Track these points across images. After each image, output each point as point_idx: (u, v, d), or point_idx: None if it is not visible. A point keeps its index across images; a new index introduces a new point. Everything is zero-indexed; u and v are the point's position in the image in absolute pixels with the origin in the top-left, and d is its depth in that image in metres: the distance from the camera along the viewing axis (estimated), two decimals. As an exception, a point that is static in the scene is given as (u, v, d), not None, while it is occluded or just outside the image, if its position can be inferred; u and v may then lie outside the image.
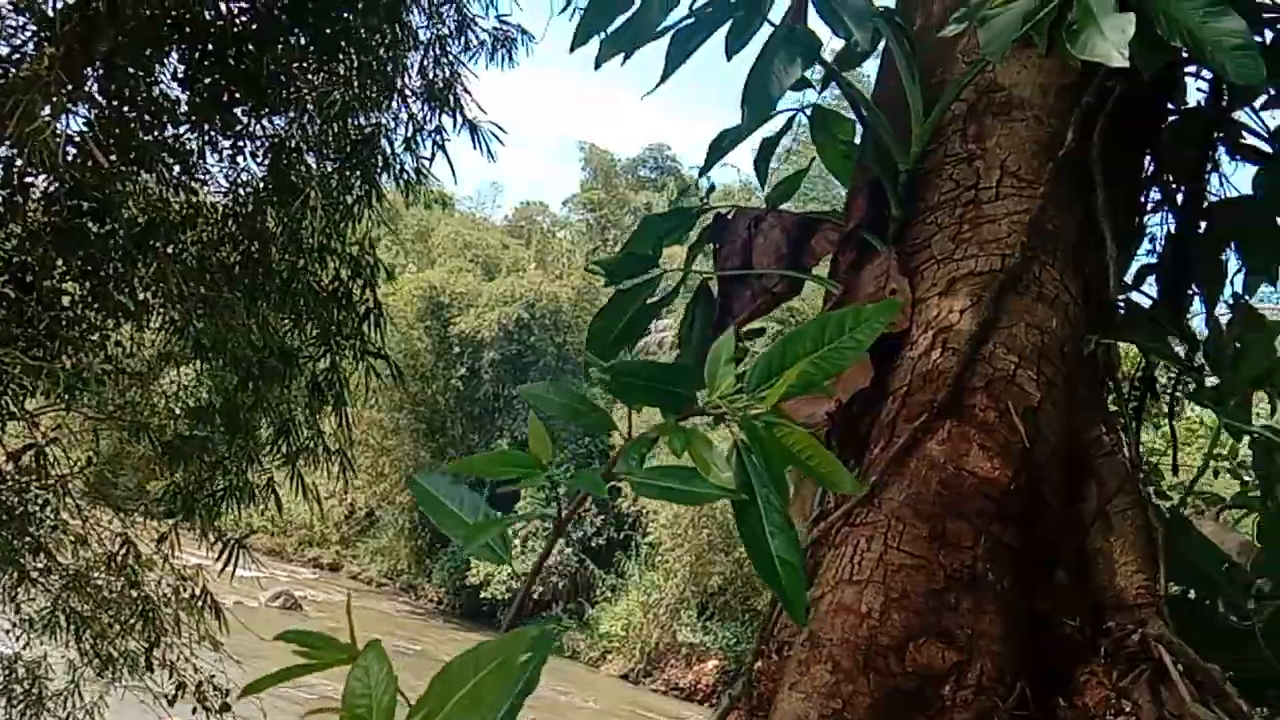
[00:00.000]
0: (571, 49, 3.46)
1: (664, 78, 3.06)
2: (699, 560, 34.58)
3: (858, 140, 3.64)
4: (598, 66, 3.25)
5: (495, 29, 10.14)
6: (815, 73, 3.57)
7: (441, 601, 42.05)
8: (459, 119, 9.66)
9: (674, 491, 1.55)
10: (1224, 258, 3.70)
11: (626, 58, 3.36)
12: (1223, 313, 3.77)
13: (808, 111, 3.76)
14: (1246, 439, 3.37)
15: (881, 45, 3.52)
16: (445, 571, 41.29)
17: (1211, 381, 3.38)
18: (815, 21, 3.26)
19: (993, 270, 3.07)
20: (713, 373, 1.43)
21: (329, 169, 9.12)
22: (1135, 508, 2.88)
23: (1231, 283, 3.69)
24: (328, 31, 8.70)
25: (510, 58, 10.25)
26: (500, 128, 9.69)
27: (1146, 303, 3.70)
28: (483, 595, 38.47)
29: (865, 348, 1.42)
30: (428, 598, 42.61)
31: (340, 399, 9.69)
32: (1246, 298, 3.50)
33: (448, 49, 9.67)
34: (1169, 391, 3.72)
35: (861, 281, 3.32)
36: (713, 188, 3.93)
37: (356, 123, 9.05)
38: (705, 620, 35.33)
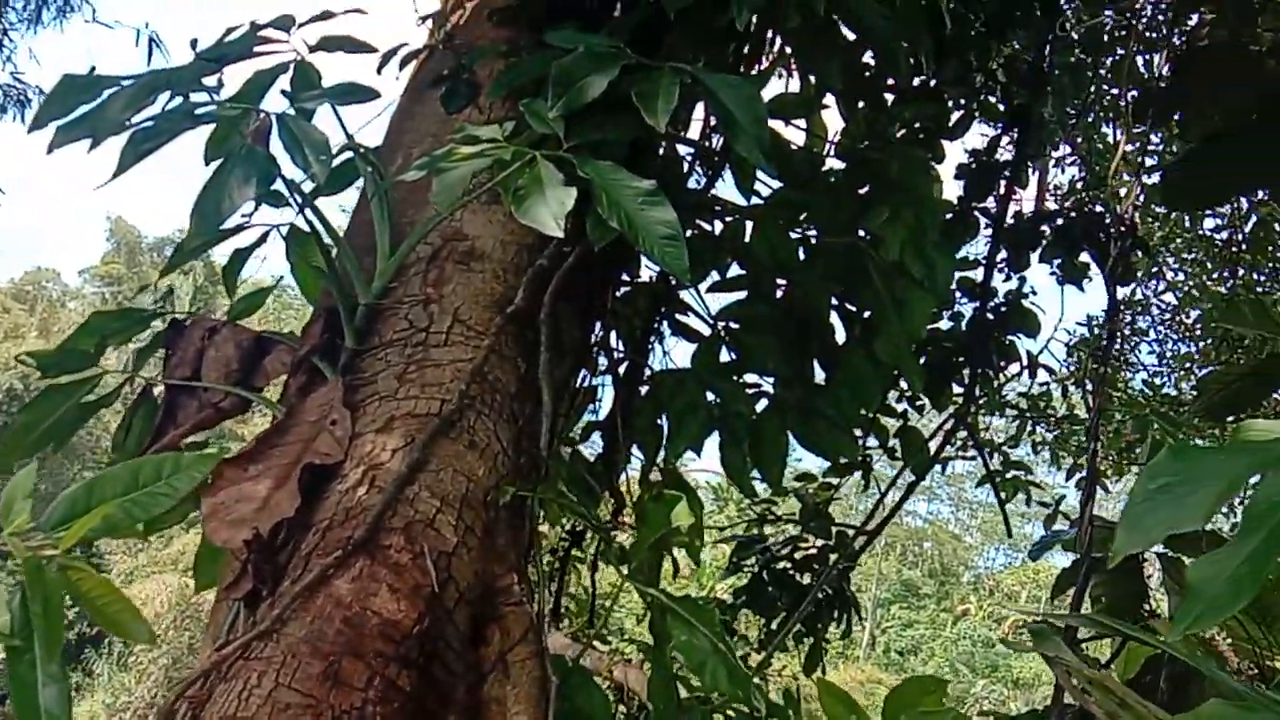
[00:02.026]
0: (29, 130, 3.26)
1: (114, 175, 2.94)
2: (176, 664, 32.55)
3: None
4: (50, 151, 3.08)
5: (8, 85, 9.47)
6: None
7: None
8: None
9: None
10: (660, 423, 3.99)
11: (94, 145, 3.20)
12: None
13: (283, 230, 3.74)
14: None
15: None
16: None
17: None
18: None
19: (430, 413, 3.13)
20: (8, 506, 1.34)
21: None
22: (534, 658, 2.98)
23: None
24: None
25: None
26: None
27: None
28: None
29: (181, 495, 1.39)
30: None
31: None
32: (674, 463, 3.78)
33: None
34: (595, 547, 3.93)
35: (305, 408, 3.28)
36: (171, 291, 3.78)
37: None
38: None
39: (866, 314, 4.05)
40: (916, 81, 5.93)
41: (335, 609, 2.78)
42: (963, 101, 5.84)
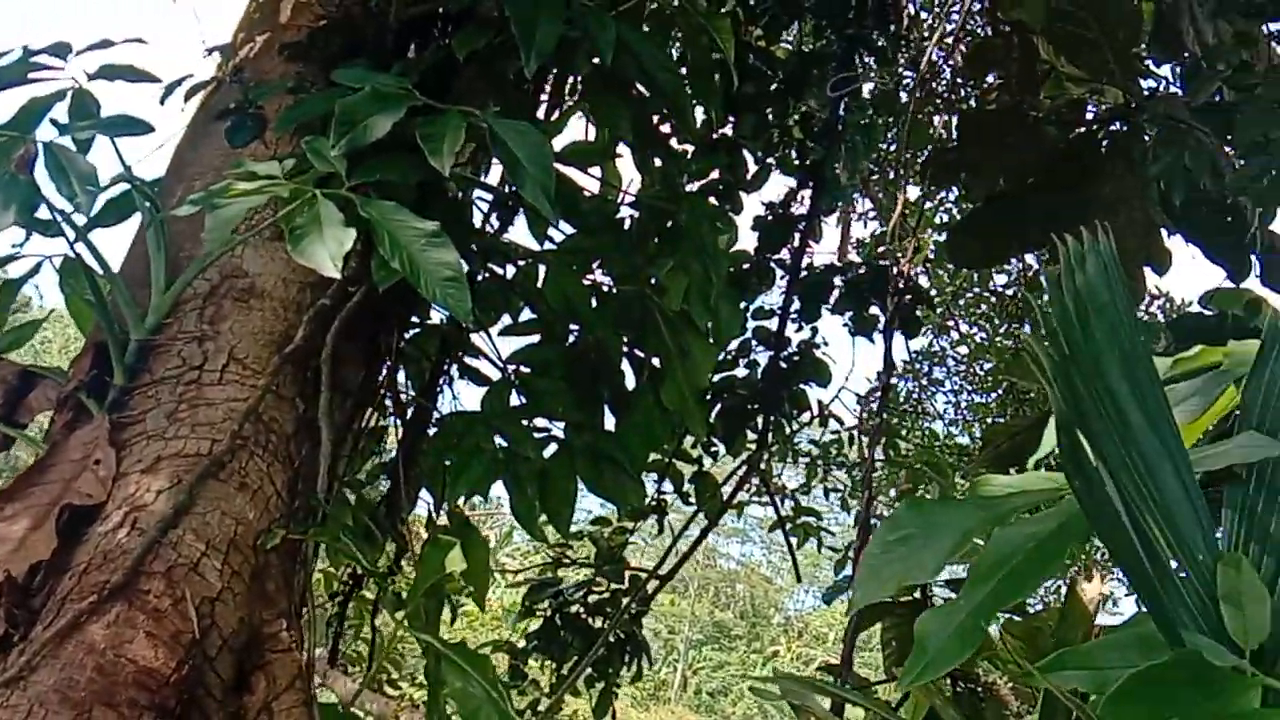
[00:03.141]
0: None
1: None
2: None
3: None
4: None
5: None
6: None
7: None
8: None
9: None
10: (446, 466, 3.96)
11: None
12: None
13: (54, 260, 3.60)
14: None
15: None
16: None
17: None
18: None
19: (199, 454, 3.04)
20: None
21: None
22: (301, 706, 2.91)
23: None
24: None
25: None
26: None
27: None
28: None
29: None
30: None
31: None
32: (448, 507, 3.76)
33: None
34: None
35: (69, 446, 3.15)
36: None
37: None
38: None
39: (655, 361, 4.10)
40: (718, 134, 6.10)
41: (88, 656, 2.67)
42: (760, 155, 5.99)
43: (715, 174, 5.88)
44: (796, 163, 6.12)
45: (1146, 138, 5.37)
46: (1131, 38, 5.42)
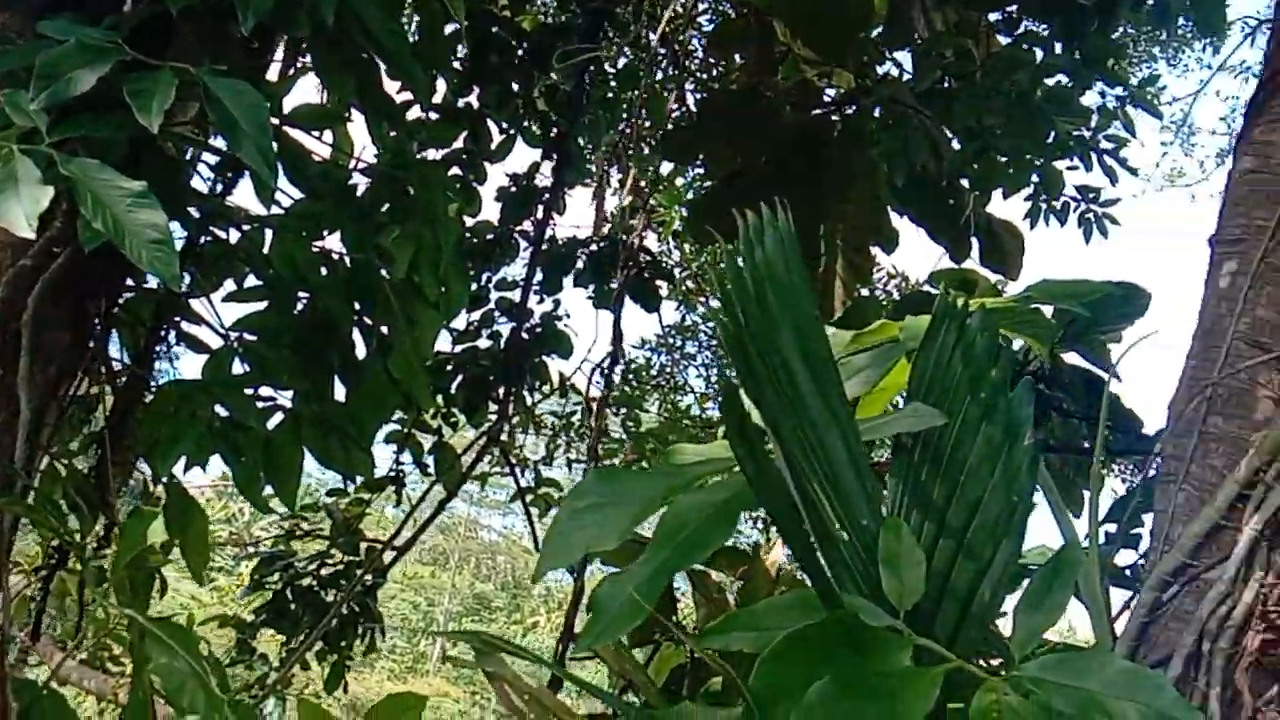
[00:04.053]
0: None
1: None
2: None
3: None
4: None
5: None
6: None
7: None
8: None
9: None
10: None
11: None
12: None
13: None
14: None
15: None
16: None
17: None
18: None
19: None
20: None
21: None
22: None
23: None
24: None
25: None
26: None
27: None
28: None
29: None
30: None
31: None
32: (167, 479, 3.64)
33: None
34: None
35: None
36: None
37: None
38: None
39: (385, 329, 4.06)
40: (462, 103, 6.05)
41: None
42: (505, 126, 5.99)
43: (460, 143, 5.86)
44: (540, 135, 6.14)
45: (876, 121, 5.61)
46: (861, 22, 5.64)
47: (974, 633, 1.80)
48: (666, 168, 8.41)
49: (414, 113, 5.03)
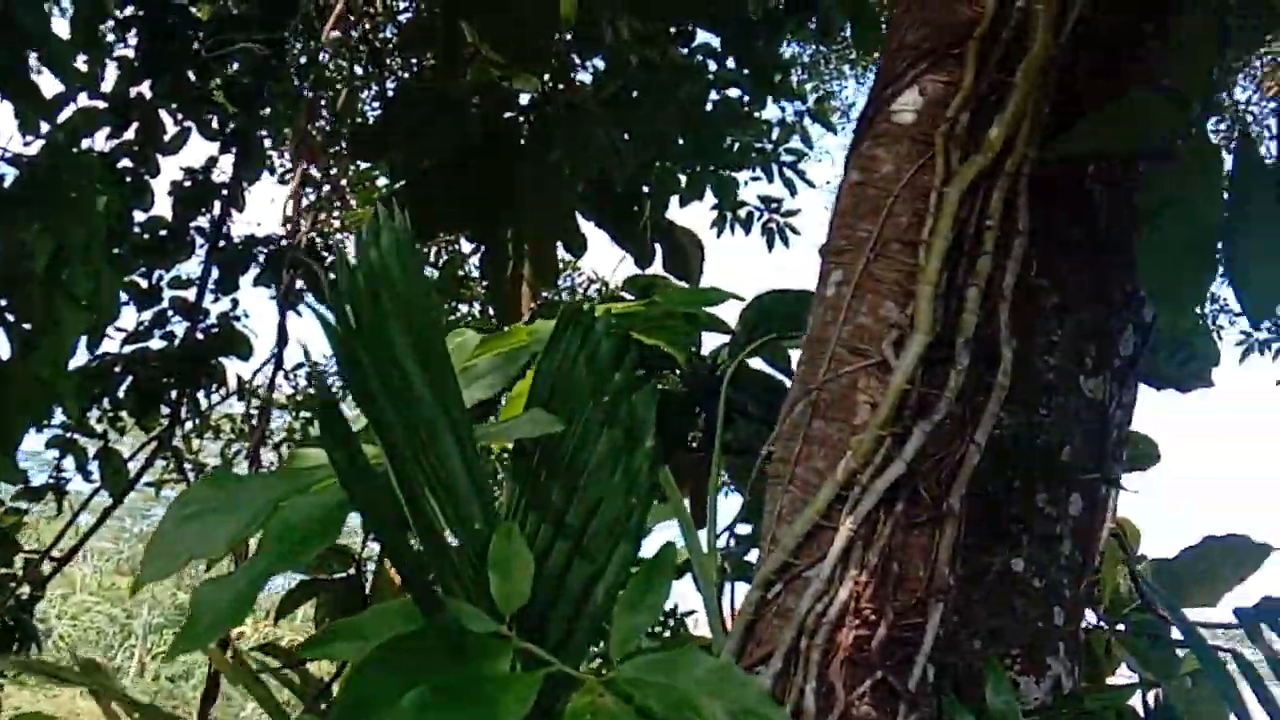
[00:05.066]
0: None
1: None
2: None
3: None
4: None
5: None
6: None
7: None
8: None
9: None
10: None
11: None
12: None
13: None
14: None
15: None
16: None
17: None
18: None
19: None
20: None
21: None
22: None
23: None
24: None
25: None
26: None
27: None
28: None
29: None
30: None
31: None
32: None
33: None
34: None
35: None
36: None
37: None
38: None
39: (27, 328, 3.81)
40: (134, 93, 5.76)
41: None
42: (180, 118, 5.73)
43: (131, 134, 5.58)
44: (218, 128, 5.90)
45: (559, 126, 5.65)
46: (548, 27, 5.66)
47: (586, 635, 1.82)
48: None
49: (83, 100, 4.76)
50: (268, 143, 6.37)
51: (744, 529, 2.66)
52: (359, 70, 8.22)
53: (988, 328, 1.95)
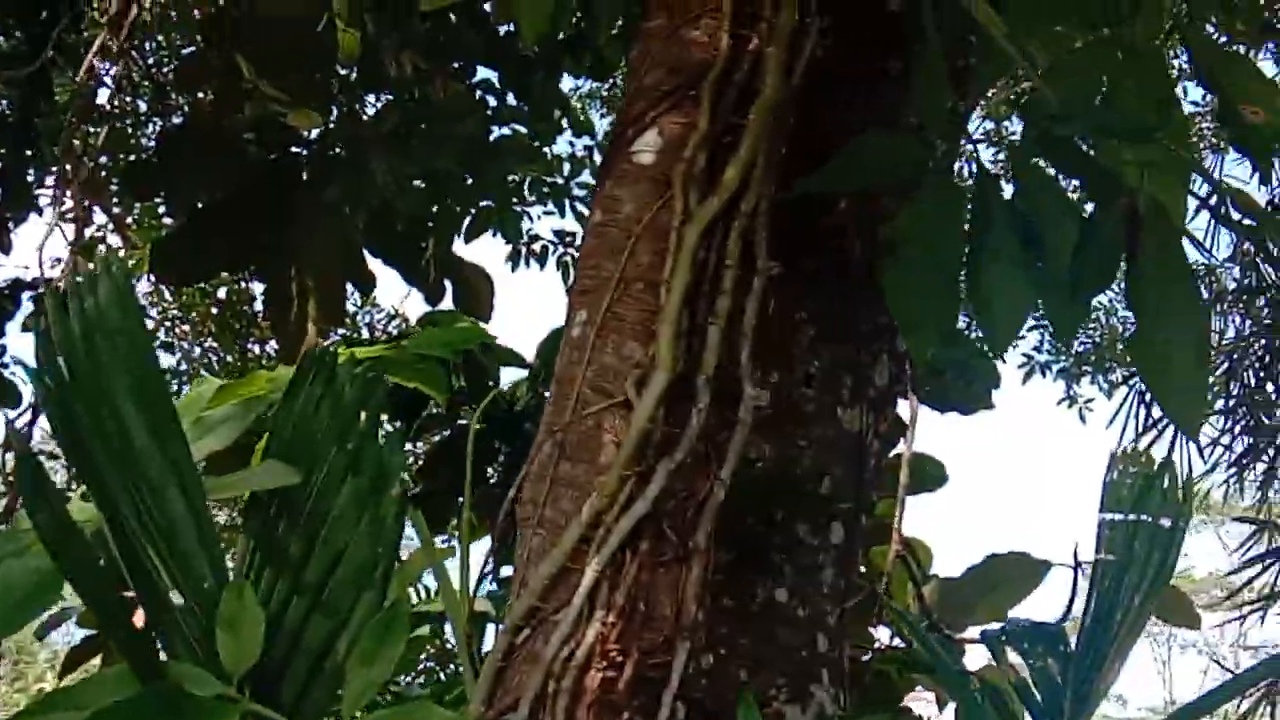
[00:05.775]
0: None
1: None
2: None
3: None
4: None
5: None
6: None
7: None
8: None
9: None
10: None
11: None
12: None
13: None
14: None
15: None
16: None
17: None
18: None
19: None
20: None
21: None
22: None
23: None
24: None
25: None
26: None
27: None
28: None
29: None
30: None
31: None
32: None
33: None
34: None
35: None
36: None
37: None
38: None
39: None
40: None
41: None
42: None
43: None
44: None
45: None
46: (325, 62, 5.57)
47: (326, 691, 1.76)
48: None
49: None
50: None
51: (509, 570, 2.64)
52: (142, 105, 7.96)
53: (730, 366, 1.97)
